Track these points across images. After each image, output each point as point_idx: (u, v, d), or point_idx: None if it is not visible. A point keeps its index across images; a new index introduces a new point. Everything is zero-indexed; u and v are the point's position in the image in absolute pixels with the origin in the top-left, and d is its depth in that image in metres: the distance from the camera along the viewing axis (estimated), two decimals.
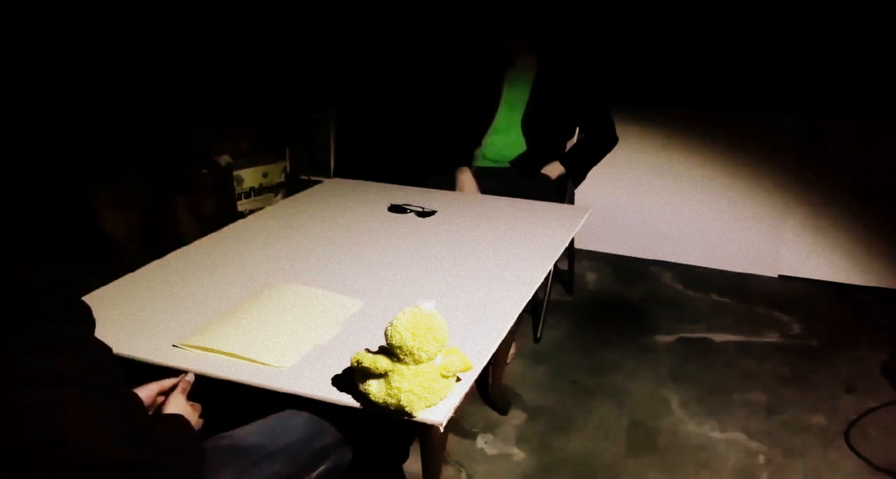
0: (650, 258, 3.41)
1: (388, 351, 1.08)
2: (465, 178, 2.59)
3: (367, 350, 1.11)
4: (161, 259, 1.65)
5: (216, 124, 3.54)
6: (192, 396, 1.14)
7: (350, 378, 1.13)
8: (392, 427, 1.24)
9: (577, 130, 2.79)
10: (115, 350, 1.22)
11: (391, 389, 1.06)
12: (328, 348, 1.25)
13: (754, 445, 2.07)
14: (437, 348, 1.08)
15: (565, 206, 2.44)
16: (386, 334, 1.07)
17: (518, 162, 2.66)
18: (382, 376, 1.07)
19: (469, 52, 2.98)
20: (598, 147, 2.73)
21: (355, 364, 1.09)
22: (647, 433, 2.12)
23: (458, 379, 1.15)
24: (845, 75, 3.09)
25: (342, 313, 1.39)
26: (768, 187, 3.18)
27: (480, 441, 2.08)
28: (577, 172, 2.68)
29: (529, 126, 2.63)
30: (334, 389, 1.13)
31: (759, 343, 2.66)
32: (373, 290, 1.51)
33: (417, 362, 1.06)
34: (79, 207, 3.16)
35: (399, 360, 1.07)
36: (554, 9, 2.88)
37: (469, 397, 1.60)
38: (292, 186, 3.68)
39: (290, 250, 1.75)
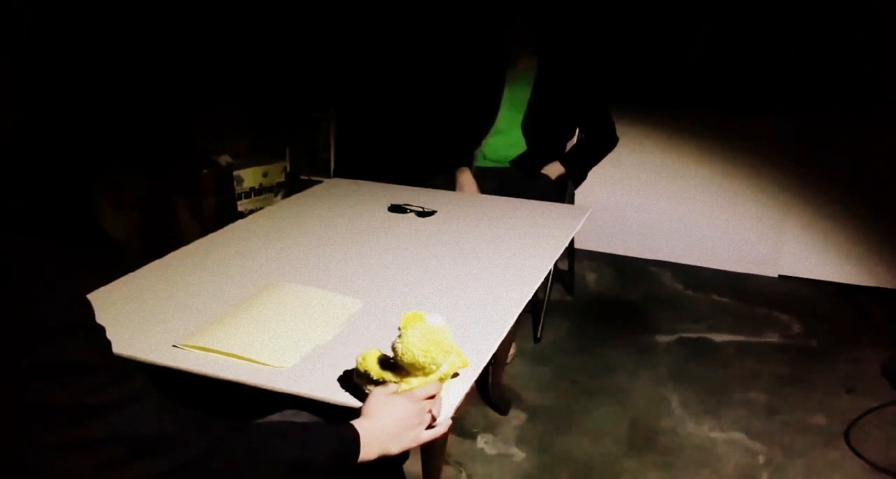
0: (650, 258, 3.41)
1: (396, 365, 1.08)
2: (466, 178, 2.59)
3: (371, 355, 1.11)
4: (161, 259, 1.65)
5: (216, 124, 3.54)
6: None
7: (350, 378, 1.13)
8: None
9: (577, 130, 2.79)
10: (115, 350, 1.22)
11: None
12: (328, 348, 1.25)
13: (754, 445, 2.07)
14: (445, 358, 1.09)
15: (565, 206, 2.44)
16: (396, 350, 1.06)
17: (518, 162, 2.66)
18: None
19: (470, 53, 2.98)
20: (598, 147, 2.73)
21: (363, 371, 1.08)
22: (647, 433, 2.12)
23: (457, 375, 1.15)
24: (845, 75, 3.09)
25: (342, 313, 1.39)
26: (768, 187, 3.18)
27: (480, 441, 2.08)
28: (577, 172, 2.68)
29: (530, 126, 2.63)
30: (334, 389, 1.13)
31: (759, 343, 2.66)
32: (373, 290, 1.50)
33: (428, 374, 1.07)
34: (79, 207, 3.16)
35: (408, 373, 1.07)
36: (554, 8, 2.88)
37: (469, 397, 1.60)
38: (292, 186, 3.68)
39: (290, 250, 1.75)
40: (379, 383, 1.08)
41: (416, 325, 1.06)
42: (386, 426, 1.00)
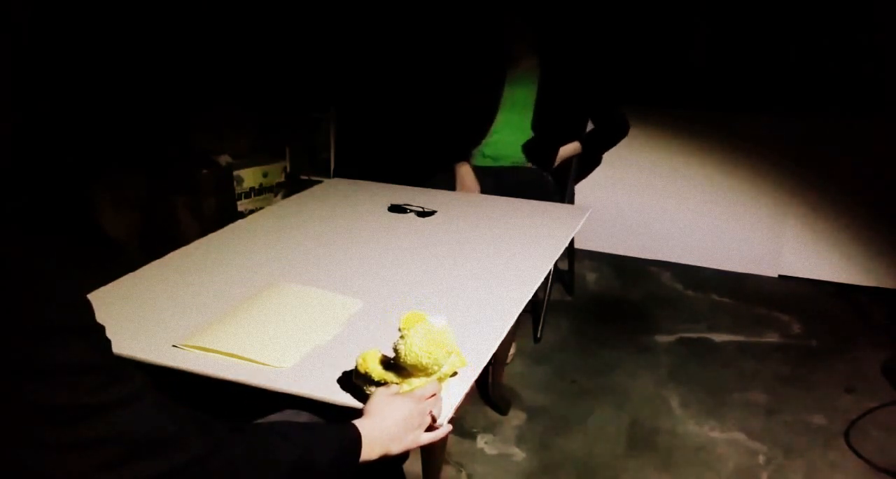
0: (650, 258, 3.41)
1: (399, 366, 1.08)
2: (465, 171, 2.59)
3: (371, 356, 1.10)
4: (161, 259, 1.65)
5: (216, 124, 3.54)
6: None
7: (350, 379, 1.13)
8: None
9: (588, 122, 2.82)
10: (115, 350, 1.22)
11: None
12: (328, 348, 1.25)
13: (754, 445, 2.07)
14: (446, 358, 1.09)
15: (565, 206, 2.44)
16: (398, 352, 1.06)
17: (530, 152, 2.65)
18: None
19: (470, 53, 2.98)
20: (612, 133, 2.77)
21: (363, 372, 1.08)
22: (647, 433, 2.12)
23: (455, 374, 1.16)
24: (845, 75, 3.09)
25: (342, 313, 1.39)
26: (768, 187, 3.18)
27: (480, 441, 2.08)
28: (592, 151, 2.76)
29: (540, 125, 2.63)
30: (334, 389, 1.13)
31: (759, 343, 2.66)
32: (373, 290, 1.51)
33: (430, 375, 1.08)
34: (79, 207, 3.15)
35: (409, 374, 1.07)
36: (554, 8, 2.88)
37: (469, 397, 1.60)
38: (292, 186, 3.68)
39: (290, 250, 1.75)
40: (380, 384, 1.07)
41: (418, 326, 1.06)
42: (388, 426, 1.00)
